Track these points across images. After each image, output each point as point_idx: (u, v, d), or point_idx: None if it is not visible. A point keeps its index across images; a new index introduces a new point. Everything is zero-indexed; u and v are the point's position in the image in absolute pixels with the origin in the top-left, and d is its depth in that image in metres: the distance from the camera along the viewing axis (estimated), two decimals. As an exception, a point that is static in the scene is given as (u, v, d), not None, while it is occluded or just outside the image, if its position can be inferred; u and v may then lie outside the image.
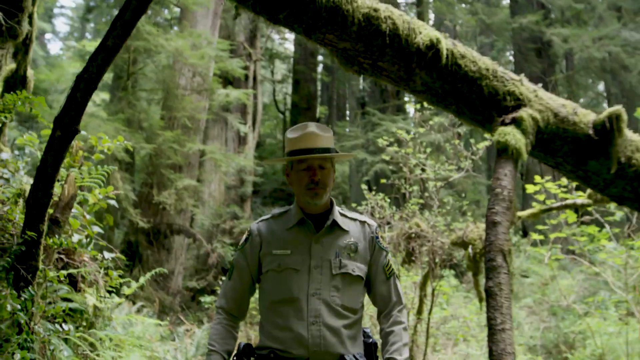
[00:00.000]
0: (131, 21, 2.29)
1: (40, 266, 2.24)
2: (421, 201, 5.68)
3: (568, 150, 2.40)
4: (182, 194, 11.19)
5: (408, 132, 6.14)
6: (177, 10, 13.14)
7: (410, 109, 16.05)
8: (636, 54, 16.57)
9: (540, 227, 5.74)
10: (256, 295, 2.09)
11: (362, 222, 2.06)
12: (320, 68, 19.30)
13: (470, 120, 2.52)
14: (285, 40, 19.74)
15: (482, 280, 3.19)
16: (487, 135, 4.54)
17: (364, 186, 6.38)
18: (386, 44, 2.37)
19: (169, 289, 10.98)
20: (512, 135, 2.21)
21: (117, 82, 11.88)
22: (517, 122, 2.27)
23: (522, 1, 15.31)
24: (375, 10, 2.39)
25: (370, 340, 2.02)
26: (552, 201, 4.13)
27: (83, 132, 2.81)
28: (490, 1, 17.06)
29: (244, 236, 2.07)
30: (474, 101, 2.38)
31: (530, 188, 4.36)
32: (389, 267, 2.05)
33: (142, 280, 4.07)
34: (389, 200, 5.81)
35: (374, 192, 5.87)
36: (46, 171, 2.20)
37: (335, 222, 1.99)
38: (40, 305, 2.27)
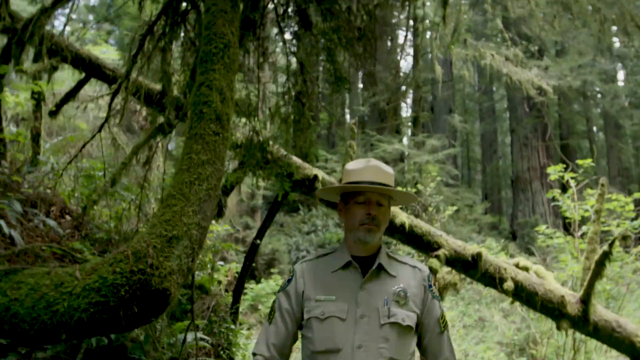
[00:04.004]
0: (269, 223, 6.18)
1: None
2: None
3: (461, 265, 6.34)
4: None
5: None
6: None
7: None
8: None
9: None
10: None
11: (413, 267, 2.12)
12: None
13: (419, 251, 6.49)
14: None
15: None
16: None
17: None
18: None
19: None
20: (434, 263, 6.14)
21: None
22: (438, 256, 6.20)
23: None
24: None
25: None
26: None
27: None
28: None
29: (287, 277, 2.15)
30: (420, 244, 6.30)
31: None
32: (444, 320, 2.10)
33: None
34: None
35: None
36: (242, 274, 6.13)
37: (381, 266, 2.05)
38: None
